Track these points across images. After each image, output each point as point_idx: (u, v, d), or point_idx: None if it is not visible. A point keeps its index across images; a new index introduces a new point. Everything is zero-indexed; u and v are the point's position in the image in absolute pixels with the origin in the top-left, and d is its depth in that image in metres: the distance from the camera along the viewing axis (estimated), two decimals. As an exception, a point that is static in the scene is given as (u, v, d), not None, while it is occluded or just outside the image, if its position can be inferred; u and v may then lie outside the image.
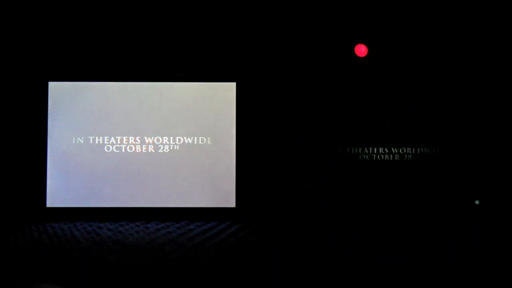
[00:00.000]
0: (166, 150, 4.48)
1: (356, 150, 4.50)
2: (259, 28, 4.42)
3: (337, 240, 3.66)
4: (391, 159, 4.49)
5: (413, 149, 4.49)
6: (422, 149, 4.49)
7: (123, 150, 4.46)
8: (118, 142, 4.46)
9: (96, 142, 4.45)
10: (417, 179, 4.46)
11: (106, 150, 4.45)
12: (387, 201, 4.45)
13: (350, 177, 4.48)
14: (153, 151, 4.47)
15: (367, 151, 4.50)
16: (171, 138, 4.49)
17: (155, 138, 4.48)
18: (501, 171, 4.42)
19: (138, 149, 4.47)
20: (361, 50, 4.42)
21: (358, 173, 4.48)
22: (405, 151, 4.49)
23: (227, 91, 4.51)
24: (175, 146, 4.48)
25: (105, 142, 4.45)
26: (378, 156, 4.50)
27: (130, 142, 4.47)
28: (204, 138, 4.49)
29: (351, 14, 4.38)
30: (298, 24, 4.41)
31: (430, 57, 4.44)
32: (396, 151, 4.50)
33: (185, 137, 4.49)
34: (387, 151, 4.50)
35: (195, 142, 4.49)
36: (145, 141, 4.47)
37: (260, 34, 4.39)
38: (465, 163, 4.45)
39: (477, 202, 4.43)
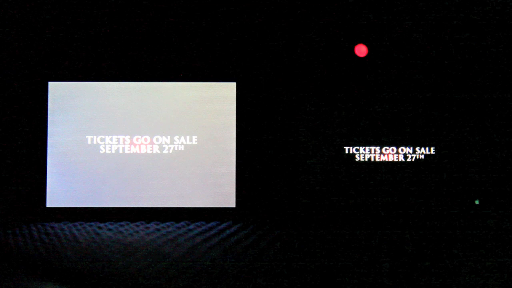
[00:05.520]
0: (166, 150, 4.48)
1: (356, 149, 4.50)
2: (259, 28, 4.42)
3: (337, 240, 3.66)
4: (390, 158, 4.49)
5: (413, 149, 4.49)
6: (421, 149, 4.49)
7: (122, 150, 4.46)
8: (118, 142, 4.46)
9: (96, 142, 4.45)
10: (417, 178, 4.46)
11: (106, 150, 4.45)
12: (387, 201, 4.46)
13: (351, 177, 4.48)
14: (153, 151, 4.47)
15: (368, 151, 4.50)
16: (171, 138, 4.49)
17: (155, 138, 4.48)
18: (501, 171, 4.43)
19: (138, 149, 4.47)
20: (361, 50, 4.43)
21: (359, 173, 4.49)
22: (404, 150, 4.49)
23: (227, 91, 4.51)
24: (175, 146, 4.48)
25: (105, 142, 4.46)
26: (378, 156, 4.50)
27: (130, 142, 4.47)
28: (204, 138, 4.49)
29: (351, 14, 4.38)
30: (298, 24, 4.42)
31: (430, 57, 4.45)
32: (396, 151, 4.50)
33: (185, 137, 4.49)
34: (387, 150, 4.50)
35: (195, 142, 4.49)
36: (145, 141, 4.47)
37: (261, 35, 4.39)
38: (465, 163, 4.45)
39: (477, 202, 4.43)
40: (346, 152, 4.51)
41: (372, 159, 4.50)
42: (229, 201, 4.46)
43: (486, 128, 4.46)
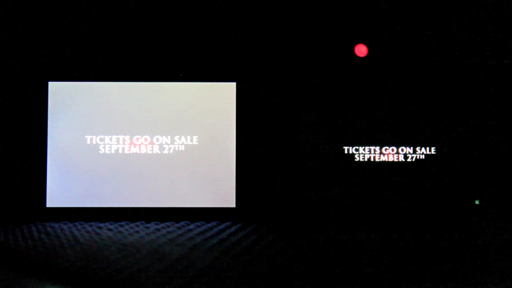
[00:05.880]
0: (166, 150, 4.48)
1: (356, 149, 4.50)
2: (260, 28, 4.42)
3: (337, 240, 3.66)
4: (390, 159, 4.49)
5: (413, 149, 4.49)
6: (422, 149, 4.49)
7: (122, 150, 4.46)
8: (118, 142, 4.46)
9: (96, 142, 4.45)
10: (417, 178, 4.46)
11: (106, 150, 4.45)
12: (386, 201, 4.45)
13: (351, 177, 4.48)
14: (152, 151, 4.47)
15: (368, 151, 4.50)
16: (171, 138, 4.49)
17: (155, 138, 4.48)
18: (501, 171, 4.43)
19: (138, 150, 4.47)
20: (361, 50, 4.42)
21: (358, 173, 4.48)
22: (404, 150, 4.49)
23: (227, 91, 4.51)
24: (175, 146, 4.48)
25: (105, 142, 4.46)
26: (378, 156, 4.50)
27: (130, 142, 4.47)
28: (204, 138, 4.49)
29: (351, 14, 4.38)
30: (299, 24, 4.42)
31: (429, 57, 4.44)
32: (396, 151, 4.50)
33: (184, 137, 4.49)
34: (387, 150, 4.50)
35: (195, 142, 4.49)
36: (145, 141, 4.47)
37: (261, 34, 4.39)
38: (465, 163, 4.45)
39: (477, 202, 4.43)
40: (346, 152, 4.50)
41: (372, 159, 4.49)
42: (229, 201, 4.46)
43: (487, 128, 4.45)
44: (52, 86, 4.45)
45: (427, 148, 4.48)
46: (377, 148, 4.50)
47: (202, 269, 2.81)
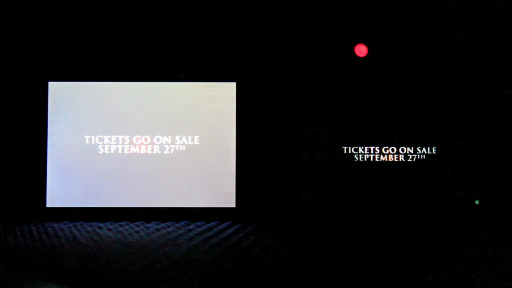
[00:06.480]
0: (166, 150, 4.48)
1: (355, 149, 4.50)
2: (260, 28, 4.42)
3: (337, 240, 3.66)
4: (390, 158, 4.49)
5: (414, 149, 4.49)
6: (422, 149, 4.49)
7: (122, 151, 4.46)
8: (118, 142, 4.46)
9: (96, 142, 4.45)
10: (417, 178, 4.46)
11: (105, 150, 4.45)
12: (387, 201, 4.45)
13: (350, 177, 4.48)
14: (153, 151, 4.47)
15: (367, 151, 4.50)
16: (171, 138, 4.49)
17: (155, 138, 4.48)
18: (501, 171, 4.43)
19: (138, 149, 4.47)
20: (361, 50, 4.42)
21: (358, 173, 4.48)
22: (405, 150, 4.49)
23: (227, 91, 4.51)
24: (175, 146, 4.48)
25: (104, 142, 4.45)
26: (378, 156, 4.50)
27: (130, 142, 4.47)
28: (204, 138, 4.49)
29: (351, 14, 4.38)
30: (299, 24, 4.42)
31: (429, 57, 4.45)
32: (396, 151, 4.50)
33: (185, 137, 4.49)
34: (387, 150, 4.50)
35: (195, 142, 4.49)
36: (145, 141, 4.47)
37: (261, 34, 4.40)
38: (465, 163, 4.45)
39: (477, 202, 4.43)
40: (346, 152, 4.50)
41: (372, 159, 4.49)
42: (229, 201, 4.46)
43: (487, 128, 4.45)
44: (52, 86, 4.45)
45: (428, 148, 4.48)
46: (377, 148, 4.50)
47: (202, 269, 2.81)
